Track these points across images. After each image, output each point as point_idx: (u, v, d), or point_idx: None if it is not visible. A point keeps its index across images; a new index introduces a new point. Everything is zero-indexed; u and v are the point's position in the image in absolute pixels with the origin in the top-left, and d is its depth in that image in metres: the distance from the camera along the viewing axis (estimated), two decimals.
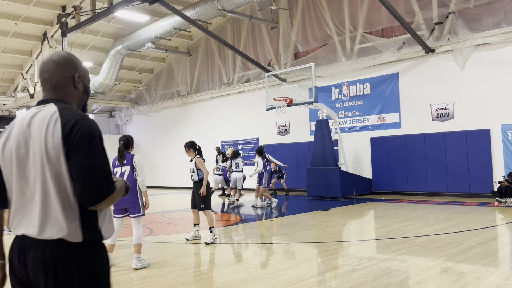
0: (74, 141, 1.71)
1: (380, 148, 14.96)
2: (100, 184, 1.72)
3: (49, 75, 1.88)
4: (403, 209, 10.84)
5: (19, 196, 1.79)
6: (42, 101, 1.88)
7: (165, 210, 12.58)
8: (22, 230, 1.76)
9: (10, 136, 1.84)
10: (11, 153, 1.81)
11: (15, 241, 1.81)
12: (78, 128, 1.72)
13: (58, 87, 1.88)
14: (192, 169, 7.40)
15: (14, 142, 1.81)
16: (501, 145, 12.46)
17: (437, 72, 13.79)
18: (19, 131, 1.81)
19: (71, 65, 1.92)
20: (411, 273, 5.05)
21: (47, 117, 1.77)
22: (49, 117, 1.76)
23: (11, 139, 1.83)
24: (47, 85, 1.89)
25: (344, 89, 16.10)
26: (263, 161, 11.95)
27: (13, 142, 1.81)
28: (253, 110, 18.94)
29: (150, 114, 24.58)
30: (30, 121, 1.80)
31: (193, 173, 7.40)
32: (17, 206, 1.80)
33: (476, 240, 6.70)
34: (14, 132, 1.83)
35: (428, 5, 13.87)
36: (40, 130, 1.75)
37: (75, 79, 1.92)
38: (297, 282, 4.80)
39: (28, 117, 1.82)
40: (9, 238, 1.85)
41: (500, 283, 4.48)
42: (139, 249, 5.70)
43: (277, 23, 18.05)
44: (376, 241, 7.16)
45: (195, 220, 7.67)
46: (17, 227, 1.78)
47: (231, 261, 5.96)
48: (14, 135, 1.82)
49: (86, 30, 18.37)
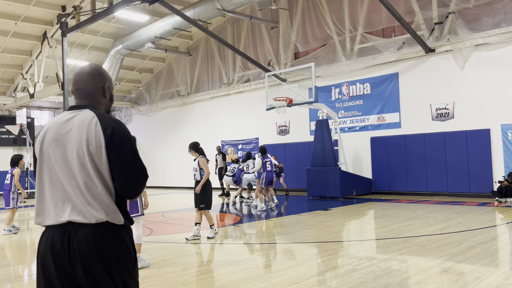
0: (115, 144, 1.99)
1: (380, 148, 14.96)
2: (140, 180, 2.07)
3: (83, 85, 2.14)
4: (403, 209, 10.84)
5: (59, 188, 2.02)
6: (75, 107, 2.11)
7: (165, 210, 12.58)
8: (66, 217, 1.97)
9: (47, 135, 2.06)
10: (50, 150, 2.04)
11: (52, 228, 2.00)
12: (118, 133, 2.01)
13: (90, 95, 2.15)
14: (195, 168, 7.56)
15: (53, 140, 2.04)
16: (501, 145, 12.46)
17: (437, 72, 13.79)
18: (57, 131, 2.04)
19: (102, 77, 2.19)
20: (411, 273, 5.05)
21: (87, 120, 2.02)
22: (89, 120, 2.02)
23: (49, 138, 2.05)
24: (81, 93, 2.15)
25: (344, 89, 16.10)
26: (262, 161, 11.90)
27: (51, 141, 2.04)
28: (253, 110, 18.94)
29: (150, 114, 24.59)
30: (68, 123, 2.04)
31: (196, 172, 7.55)
32: (57, 196, 2.01)
33: (476, 240, 6.71)
34: (52, 132, 2.05)
35: (428, 5, 13.87)
36: (80, 131, 2.00)
37: (104, 89, 2.19)
38: (297, 282, 4.80)
39: (65, 119, 2.06)
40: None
41: (500, 283, 4.48)
42: (139, 249, 5.70)
43: (277, 23, 18.05)
44: (376, 241, 7.16)
45: (197, 219, 7.71)
46: (58, 215, 1.99)
47: (231, 261, 5.96)
48: (52, 134, 2.05)
49: (86, 30, 18.37)
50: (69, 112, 2.08)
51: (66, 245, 1.94)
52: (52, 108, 25.27)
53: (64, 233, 1.96)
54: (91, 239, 1.94)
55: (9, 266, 6.23)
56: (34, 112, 24.28)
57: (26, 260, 6.65)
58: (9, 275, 5.73)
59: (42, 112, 24.86)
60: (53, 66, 19.56)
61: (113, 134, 2.00)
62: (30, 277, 5.63)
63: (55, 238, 1.97)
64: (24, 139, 22.90)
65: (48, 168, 2.04)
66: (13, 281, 5.41)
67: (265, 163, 11.85)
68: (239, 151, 19.77)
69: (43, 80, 19.81)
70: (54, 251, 1.96)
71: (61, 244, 1.95)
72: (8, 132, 22.74)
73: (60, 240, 1.96)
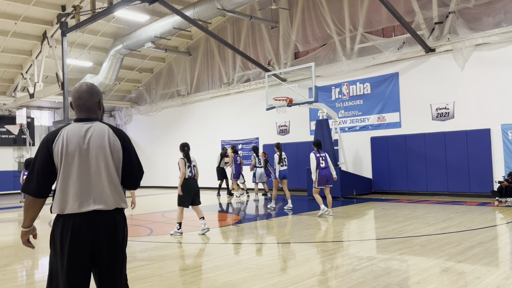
0: (126, 149, 2.72)
1: (380, 148, 14.95)
2: (141, 176, 2.84)
3: (83, 101, 2.73)
4: (403, 209, 10.84)
5: (85, 184, 2.57)
6: (84, 119, 2.70)
7: (165, 210, 12.58)
8: (91, 207, 2.55)
9: (70, 142, 2.58)
10: (76, 154, 2.58)
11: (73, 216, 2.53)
12: (127, 141, 2.75)
13: (91, 109, 2.74)
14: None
15: (76, 145, 2.59)
16: (501, 145, 12.45)
17: (437, 72, 13.78)
18: (79, 138, 2.60)
19: (97, 94, 2.78)
20: (411, 273, 5.04)
21: (104, 130, 2.67)
22: (106, 130, 2.67)
23: (72, 145, 2.58)
24: (83, 108, 2.73)
25: (344, 89, 16.10)
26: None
27: (75, 145, 2.58)
28: (253, 110, 18.93)
29: (150, 113, 24.58)
30: (88, 132, 2.63)
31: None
32: (81, 190, 2.55)
33: (476, 240, 6.70)
34: (74, 140, 2.59)
35: (428, 5, 13.86)
36: (100, 139, 2.63)
37: (100, 103, 2.80)
38: (297, 282, 4.79)
39: (83, 131, 2.63)
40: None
41: (500, 283, 4.48)
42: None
43: (277, 23, 18.04)
44: (376, 241, 7.15)
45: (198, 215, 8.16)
46: (82, 205, 2.54)
47: (231, 261, 5.95)
48: (75, 142, 2.59)
49: (86, 29, 18.36)
50: (82, 123, 2.67)
51: (92, 228, 2.53)
52: (52, 108, 25.26)
53: (90, 219, 2.54)
54: (114, 222, 2.62)
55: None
56: (34, 112, 24.28)
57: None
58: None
59: (42, 112, 24.85)
60: (53, 66, 19.56)
61: (125, 141, 2.72)
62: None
63: (80, 223, 2.52)
64: (24, 139, 22.91)
65: (73, 168, 2.56)
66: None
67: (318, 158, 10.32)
68: (239, 151, 19.76)
69: (43, 80, 19.81)
70: (79, 232, 2.51)
71: (86, 227, 2.52)
72: (8, 132, 22.75)
73: (86, 224, 2.52)
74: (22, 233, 2.74)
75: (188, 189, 8.02)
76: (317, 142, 10.38)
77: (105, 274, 2.61)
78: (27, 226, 2.72)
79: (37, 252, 7.08)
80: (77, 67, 21.54)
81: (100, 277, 2.62)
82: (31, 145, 22.84)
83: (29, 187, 2.59)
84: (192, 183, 8.06)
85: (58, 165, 2.58)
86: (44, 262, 6.66)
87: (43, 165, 2.57)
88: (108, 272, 2.61)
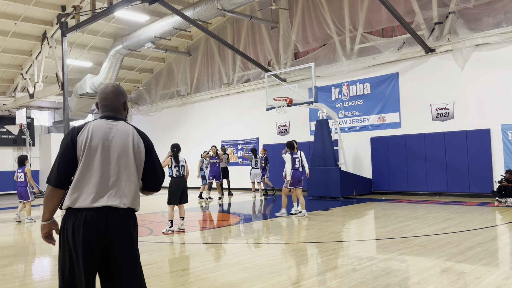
0: (150, 151, 2.77)
1: (380, 148, 14.95)
2: (162, 179, 2.89)
3: (110, 101, 2.78)
4: (403, 209, 10.84)
5: (102, 178, 2.56)
6: (110, 117, 2.74)
7: (165, 210, 12.56)
8: (104, 202, 2.53)
9: (94, 136, 2.59)
10: (99, 147, 2.59)
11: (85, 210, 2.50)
12: (151, 144, 2.80)
13: (116, 109, 2.79)
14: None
15: (100, 139, 2.61)
16: (501, 145, 12.45)
17: (437, 72, 13.78)
18: (104, 135, 2.63)
19: (123, 95, 2.83)
20: (411, 273, 5.04)
21: (129, 131, 2.70)
22: (131, 131, 2.71)
23: (96, 138, 2.59)
24: (108, 108, 2.77)
25: (344, 89, 16.10)
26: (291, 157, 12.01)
27: (99, 139, 2.60)
28: (253, 110, 18.93)
29: (150, 114, 24.58)
30: (112, 130, 2.66)
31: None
32: (98, 184, 2.55)
33: (476, 240, 6.70)
34: (99, 134, 2.61)
35: (428, 5, 13.86)
36: (124, 138, 2.67)
37: (125, 104, 2.85)
38: (297, 282, 4.79)
39: (109, 126, 2.67)
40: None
41: (500, 283, 4.48)
42: None
43: (277, 23, 18.04)
44: (376, 241, 7.15)
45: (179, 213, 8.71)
46: (96, 199, 2.52)
47: (231, 261, 5.95)
48: (99, 136, 2.61)
49: (86, 30, 18.36)
50: (108, 121, 2.70)
51: (104, 223, 2.50)
52: (52, 108, 25.26)
53: (101, 214, 2.51)
54: (126, 220, 2.59)
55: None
56: (34, 112, 24.28)
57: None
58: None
59: (42, 112, 24.85)
60: (53, 66, 19.56)
61: (149, 144, 2.78)
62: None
63: (92, 217, 2.49)
64: (24, 139, 22.89)
65: (94, 161, 2.57)
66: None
67: (294, 159, 10.29)
68: (239, 151, 19.77)
69: (43, 80, 19.81)
70: (92, 226, 2.48)
71: (99, 222, 2.49)
72: (8, 132, 22.74)
73: (98, 219, 2.49)
74: (42, 226, 2.68)
75: (176, 187, 8.41)
76: (291, 143, 10.35)
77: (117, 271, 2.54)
78: (46, 219, 2.66)
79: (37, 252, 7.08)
80: (77, 67, 21.54)
81: (108, 275, 2.56)
82: (31, 145, 22.83)
83: (51, 177, 2.57)
84: (179, 182, 8.46)
85: (79, 156, 2.57)
86: (44, 262, 6.66)
87: (66, 155, 2.58)
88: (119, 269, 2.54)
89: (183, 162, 8.63)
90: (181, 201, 8.54)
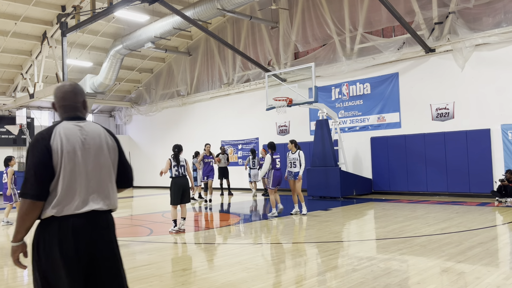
0: (120, 147, 2.69)
1: (380, 148, 14.95)
2: (133, 175, 2.82)
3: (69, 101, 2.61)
4: (403, 209, 10.84)
5: (87, 182, 2.46)
6: (75, 118, 2.57)
7: (165, 210, 12.57)
8: (91, 207, 2.43)
9: (68, 139, 2.44)
10: (76, 151, 2.45)
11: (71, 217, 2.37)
12: (121, 144, 2.70)
13: (78, 109, 2.63)
14: None
15: (75, 143, 2.46)
16: (501, 145, 12.45)
17: (437, 72, 13.78)
18: (76, 136, 2.48)
19: (82, 93, 2.67)
20: (411, 273, 5.04)
21: (100, 131, 2.59)
22: (101, 130, 2.60)
23: (71, 142, 2.44)
24: (68, 108, 2.60)
25: (344, 89, 16.10)
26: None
27: (74, 143, 2.46)
28: (253, 110, 18.93)
29: (150, 114, 24.58)
30: (82, 132, 2.52)
31: None
32: (84, 189, 2.44)
33: (476, 240, 6.70)
34: (72, 137, 2.46)
35: (428, 5, 13.86)
36: (97, 138, 2.55)
37: (84, 102, 2.68)
38: (297, 282, 4.79)
39: (78, 129, 2.52)
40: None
41: (500, 283, 4.48)
42: None
43: (277, 23, 18.04)
44: (376, 241, 7.15)
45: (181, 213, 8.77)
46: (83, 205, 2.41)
47: (231, 261, 5.95)
48: (73, 139, 2.46)
49: (86, 30, 18.36)
50: (75, 122, 2.54)
51: (89, 229, 2.40)
52: (52, 108, 25.26)
53: (88, 218, 2.41)
54: (109, 222, 2.53)
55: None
56: (34, 112, 24.26)
57: None
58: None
59: (42, 112, 24.84)
60: (53, 66, 19.56)
61: (118, 141, 2.69)
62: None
63: (79, 223, 2.38)
64: (24, 139, 22.89)
65: (76, 166, 2.44)
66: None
67: (274, 160, 10.41)
68: (239, 151, 19.78)
69: (43, 80, 19.81)
70: (79, 233, 2.37)
71: (85, 228, 2.39)
72: (8, 132, 22.73)
73: (86, 224, 2.40)
74: (14, 248, 2.41)
75: (176, 187, 8.51)
76: (272, 144, 10.58)
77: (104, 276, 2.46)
78: (19, 239, 2.40)
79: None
80: (77, 67, 21.54)
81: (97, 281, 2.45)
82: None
83: (27, 189, 2.31)
84: (179, 181, 8.54)
85: (57, 162, 2.38)
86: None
87: (43, 163, 2.35)
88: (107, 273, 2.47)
89: (183, 162, 8.68)
90: (182, 201, 8.55)
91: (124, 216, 11.77)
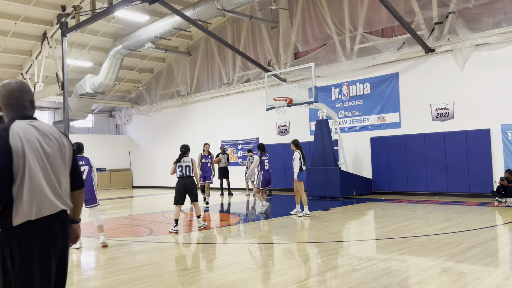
0: (74, 149, 2.66)
1: (380, 148, 14.95)
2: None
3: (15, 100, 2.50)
4: (403, 209, 10.84)
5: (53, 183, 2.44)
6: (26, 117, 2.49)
7: (165, 210, 12.57)
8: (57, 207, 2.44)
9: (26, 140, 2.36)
10: (35, 151, 2.38)
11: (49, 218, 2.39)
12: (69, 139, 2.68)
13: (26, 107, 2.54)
14: None
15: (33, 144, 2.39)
16: (501, 145, 12.45)
17: (437, 72, 13.79)
18: (33, 136, 2.41)
19: (29, 92, 2.58)
20: (411, 273, 5.04)
21: (53, 129, 2.55)
22: (54, 130, 2.55)
23: (29, 142, 2.37)
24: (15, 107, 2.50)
25: (344, 89, 16.10)
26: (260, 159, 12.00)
27: (33, 143, 2.39)
28: (253, 110, 18.94)
29: (150, 114, 24.58)
30: (37, 131, 2.44)
31: None
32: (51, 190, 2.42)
33: (476, 240, 6.70)
34: (29, 137, 2.38)
35: (428, 5, 13.86)
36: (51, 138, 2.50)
37: (32, 101, 2.59)
38: (297, 282, 4.79)
39: (33, 128, 2.44)
40: None
41: (500, 283, 4.48)
42: (102, 229, 7.29)
43: (277, 23, 18.04)
44: (376, 241, 7.15)
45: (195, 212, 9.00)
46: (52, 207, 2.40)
47: (231, 261, 5.95)
48: (30, 139, 2.38)
49: (86, 30, 18.36)
50: (27, 121, 2.46)
51: (63, 230, 2.48)
52: (52, 108, 25.26)
53: (59, 219, 2.45)
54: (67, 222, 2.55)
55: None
56: None
57: None
58: None
59: (42, 112, 24.84)
60: (53, 66, 19.55)
61: (70, 141, 2.67)
62: None
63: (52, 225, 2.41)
64: None
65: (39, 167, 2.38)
66: None
67: (263, 161, 10.96)
68: (239, 151, 19.78)
69: (43, 80, 19.81)
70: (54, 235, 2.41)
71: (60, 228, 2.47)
72: None
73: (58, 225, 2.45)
74: None
75: (179, 187, 8.61)
76: (261, 145, 11.10)
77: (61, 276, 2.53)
78: None
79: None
80: (77, 67, 21.54)
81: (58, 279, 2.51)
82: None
83: None
84: (183, 182, 8.62)
85: (19, 164, 2.28)
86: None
87: (4, 165, 2.24)
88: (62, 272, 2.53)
89: (188, 163, 8.71)
90: (191, 200, 8.77)
91: (124, 216, 11.77)
